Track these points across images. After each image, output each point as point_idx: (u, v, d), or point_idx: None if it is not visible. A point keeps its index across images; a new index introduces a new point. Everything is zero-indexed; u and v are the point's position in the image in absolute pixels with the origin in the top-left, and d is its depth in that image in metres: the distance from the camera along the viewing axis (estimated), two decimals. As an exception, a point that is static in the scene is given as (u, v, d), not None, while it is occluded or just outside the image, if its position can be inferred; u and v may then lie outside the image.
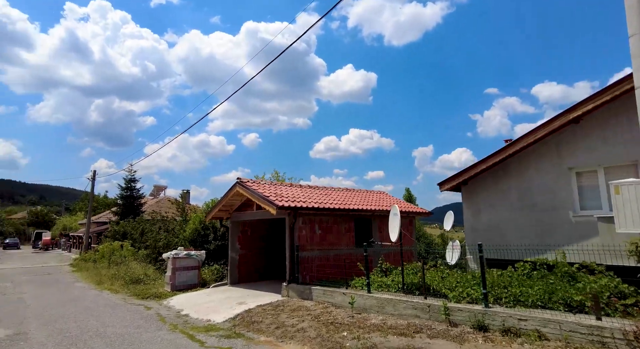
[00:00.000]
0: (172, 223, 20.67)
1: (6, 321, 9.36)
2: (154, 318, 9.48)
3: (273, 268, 15.26)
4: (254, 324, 8.30)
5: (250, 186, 12.19)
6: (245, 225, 14.57)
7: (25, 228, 72.06)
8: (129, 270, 17.50)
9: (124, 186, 34.37)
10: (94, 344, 7.08)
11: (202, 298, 11.83)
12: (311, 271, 11.49)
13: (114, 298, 12.87)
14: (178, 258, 13.58)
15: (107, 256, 23.91)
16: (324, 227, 12.24)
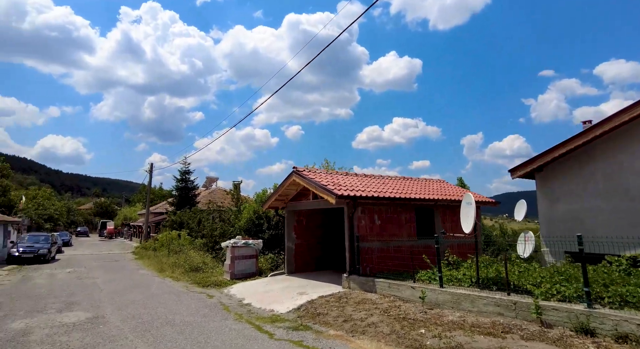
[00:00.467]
0: (227, 212, 21.10)
1: (85, 304, 9.85)
2: (217, 307, 9.53)
3: (328, 258, 15.00)
4: (320, 317, 8.02)
5: (306, 175, 11.91)
6: (300, 215, 14.39)
7: (92, 218, 78.14)
8: (188, 259, 18.08)
9: (179, 178, 35.80)
10: (165, 332, 7.14)
11: (261, 287, 11.82)
12: (371, 263, 11.04)
13: (177, 286, 13.25)
14: (236, 247, 13.71)
15: (166, 245, 25.05)
16: (384, 217, 11.70)
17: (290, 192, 13.57)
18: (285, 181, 12.86)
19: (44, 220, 44.54)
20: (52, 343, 6.50)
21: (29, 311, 9.11)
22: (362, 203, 11.08)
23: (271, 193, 23.90)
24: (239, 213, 21.12)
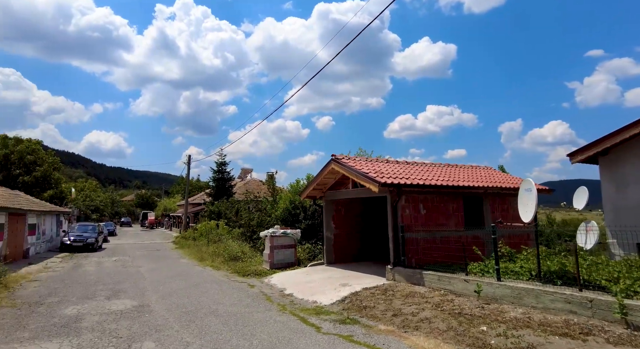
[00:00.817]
0: (264, 202, 21.11)
1: (131, 292, 10.02)
2: (260, 297, 9.37)
3: (368, 249, 14.56)
4: (367, 310, 7.63)
5: (346, 163, 11.46)
6: (339, 204, 14.00)
7: (134, 209, 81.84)
8: (227, 248, 18.24)
9: (216, 170, 36.40)
10: (210, 322, 7.01)
11: (302, 278, 11.59)
12: (417, 254, 10.48)
13: (217, 275, 13.32)
14: (275, 237, 13.55)
15: (205, 234, 25.56)
16: (429, 206, 11.07)
17: (329, 181, 13.18)
18: (323, 170, 12.48)
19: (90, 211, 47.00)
20: (102, 331, 6.52)
21: (80, 298, 9.35)
22: (407, 191, 10.50)
23: (308, 182, 23.79)
24: (275, 203, 21.06)
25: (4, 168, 33.94)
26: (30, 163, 35.08)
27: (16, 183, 31.82)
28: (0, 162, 33.84)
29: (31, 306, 8.53)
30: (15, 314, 7.75)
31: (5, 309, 8.26)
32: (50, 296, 9.57)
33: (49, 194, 34.30)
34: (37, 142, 36.97)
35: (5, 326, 6.97)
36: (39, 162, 35.64)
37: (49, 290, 10.51)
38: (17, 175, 33.78)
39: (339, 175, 12.61)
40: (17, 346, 5.87)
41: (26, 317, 7.56)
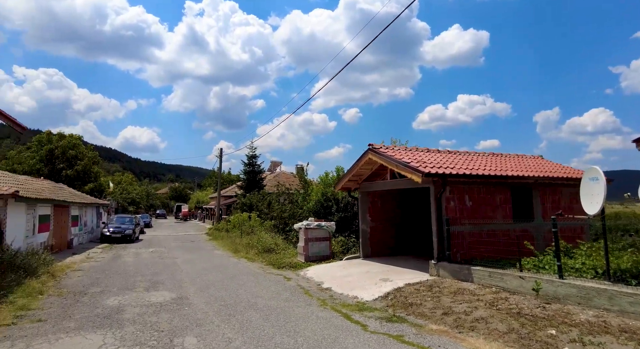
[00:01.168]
0: (295, 195, 20.93)
1: (169, 284, 10.03)
2: (298, 291, 9.11)
3: (405, 242, 14.01)
4: (413, 307, 7.17)
5: (384, 152, 10.92)
6: (375, 196, 13.51)
7: (168, 201, 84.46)
8: (260, 240, 18.21)
9: (247, 163, 36.66)
10: (250, 317, 6.79)
11: (338, 271, 11.25)
12: (462, 249, 9.87)
13: (252, 267, 13.21)
14: (310, 229, 13.27)
15: (237, 226, 25.77)
16: (475, 198, 10.38)
17: (364, 172, 12.71)
18: (359, 161, 12.00)
19: (127, 203, 48.75)
20: (143, 323, 6.43)
21: (120, 289, 9.43)
22: (452, 182, 9.87)
23: (342, 174, 23.39)
24: (306, 196, 20.82)
25: (49, 162, 35.60)
26: (72, 157, 36.62)
27: (60, 177, 33.31)
28: (46, 156, 35.52)
29: (76, 295, 8.66)
30: (62, 304, 7.86)
31: (52, 298, 8.42)
32: (93, 286, 9.72)
33: (89, 187, 35.72)
34: (78, 137, 38.53)
35: (53, 314, 7.05)
36: (80, 157, 37.14)
37: (92, 279, 10.71)
38: (61, 169, 35.35)
39: (375, 165, 12.11)
40: (63, 336, 5.86)
41: (71, 307, 7.64)
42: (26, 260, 10.71)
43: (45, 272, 10.75)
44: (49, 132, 37.29)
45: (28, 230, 14.17)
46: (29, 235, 14.21)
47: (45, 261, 11.97)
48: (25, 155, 36.06)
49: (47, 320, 6.68)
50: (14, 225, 12.90)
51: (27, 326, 6.33)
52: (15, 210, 13.18)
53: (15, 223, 13.05)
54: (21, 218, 13.65)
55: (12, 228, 12.67)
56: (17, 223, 13.31)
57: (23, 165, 33.74)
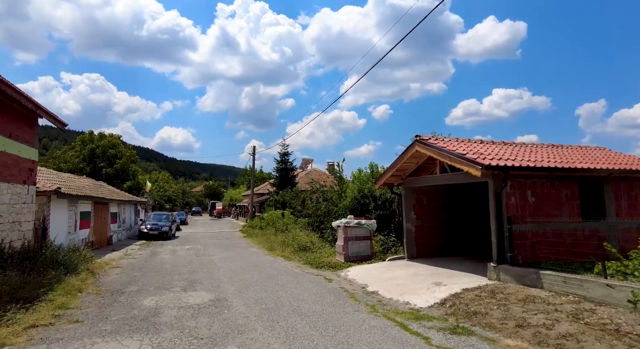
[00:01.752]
0: (330, 192, 20.24)
1: (206, 284, 9.63)
2: (342, 294, 8.41)
3: (454, 242, 12.97)
4: (478, 317, 6.29)
5: (434, 143, 9.99)
6: (420, 192, 12.57)
7: (203, 199, 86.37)
8: (295, 238, 17.69)
9: (279, 160, 36.45)
10: (296, 324, 6.16)
11: (383, 273, 10.45)
12: (524, 250, 8.81)
13: (290, 266, 12.67)
14: (349, 227, 12.54)
15: (271, 223, 25.47)
16: (538, 193, 9.26)
17: (409, 166, 11.80)
18: (404, 154, 11.12)
19: (164, 201, 49.98)
20: (181, 328, 5.96)
21: (157, 288, 9.12)
22: (513, 175, 8.82)
23: (377, 170, 22.46)
24: (342, 193, 20.09)
25: (91, 161, 36.97)
26: (111, 156, 37.85)
27: (100, 175, 34.45)
28: (88, 156, 36.90)
29: (113, 294, 8.40)
30: (99, 303, 7.59)
31: (91, 296, 8.19)
32: (130, 285, 9.48)
33: (128, 185, 36.76)
34: (117, 136, 39.79)
35: (90, 315, 6.74)
36: (119, 156, 38.32)
37: (129, 277, 10.52)
38: (101, 167, 36.61)
39: (422, 158, 11.19)
40: (99, 340, 5.47)
41: (108, 306, 7.34)
42: (67, 256, 10.67)
43: (85, 269, 10.66)
44: (90, 131, 38.72)
45: (70, 227, 14.35)
46: (70, 232, 14.40)
47: (86, 258, 11.95)
48: (70, 154, 37.61)
49: (84, 321, 6.36)
50: (56, 221, 13.04)
51: (64, 328, 6.02)
52: (58, 206, 13.33)
53: (57, 220, 13.20)
54: (63, 215, 13.82)
55: (54, 225, 12.81)
56: (60, 220, 13.47)
57: (68, 164, 35.16)
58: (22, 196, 10.77)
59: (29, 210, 11.12)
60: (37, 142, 11.60)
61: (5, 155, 9.81)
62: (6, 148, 9.83)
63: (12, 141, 10.16)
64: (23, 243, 10.68)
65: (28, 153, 11.03)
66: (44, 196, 12.35)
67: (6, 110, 9.83)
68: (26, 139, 10.96)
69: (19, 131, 10.57)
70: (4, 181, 9.73)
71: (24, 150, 10.79)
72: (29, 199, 11.14)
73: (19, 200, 10.55)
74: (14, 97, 9.47)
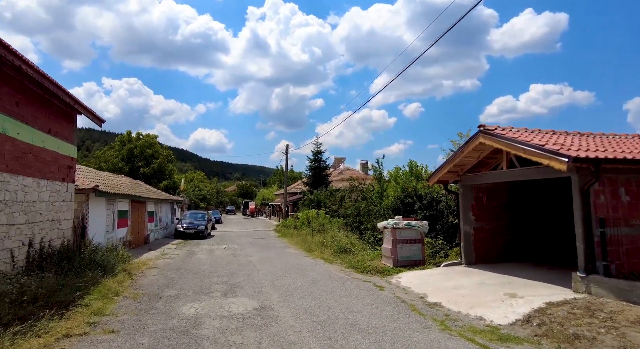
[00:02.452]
0: (370, 190, 19.16)
1: (248, 288, 8.89)
2: (400, 305, 7.39)
3: (519, 246, 11.57)
4: (583, 343, 5.09)
5: (503, 134, 8.74)
6: (479, 191, 11.29)
7: (236, 198, 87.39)
8: (335, 239, 16.79)
9: (312, 159, 35.74)
10: (358, 344, 5.22)
11: (441, 281, 9.32)
12: (618, 258, 7.44)
13: (333, 270, 11.77)
14: (398, 229, 11.47)
15: (306, 223, 24.73)
16: (634, 191, 7.83)
17: (468, 161, 10.57)
18: (465, 147, 9.91)
19: (199, 200, 50.61)
20: (226, 345, 5.17)
21: (196, 292, 8.48)
22: (605, 169, 7.45)
23: (416, 168, 21.22)
24: (382, 191, 18.98)
25: (129, 161, 37.81)
26: (149, 156, 38.56)
27: (138, 175, 35.08)
28: (127, 155, 37.77)
29: (150, 299, 7.82)
30: (136, 309, 7.00)
31: (127, 300, 7.65)
32: (168, 288, 8.90)
33: (164, 184, 37.28)
34: (154, 136, 40.53)
35: (126, 323, 6.13)
36: (156, 155, 38.99)
37: (167, 279, 9.99)
38: (139, 167, 37.35)
39: (484, 152, 9.95)
40: (134, 356, 4.78)
41: (145, 314, 6.72)
42: (105, 256, 10.30)
43: (122, 270, 10.24)
44: (129, 132, 39.66)
45: (108, 225, 14.16)
46: (108, 230, 14.20)
47: (123, 258, 11.60)
48: (109, 154, 38.65)
49: (120, 331, 5.72)
50: (95, 220, 12.82)
51: (99, 339, 5.40)
52: (96, 205, 13.12)
53: (96, 218, 12.99)
54: (101, 213, 13.62)
55: (93, 223, 12.58)
56: (98, 218, 13.26)
57: (108, 164, 36.10)
58: (61, 194, 10.50)
59: (68, 208, 10.86)
60: (76, 139, 11.34)
61: (45, 151, 9.53)
62: (45, 145, 9.54)
63: (51, 137, 9.88)
64: (62, 242, 10.41)
65: (67, 150, 10.77)
66: (82, 195, 12.13)
67: (45, 105, 9.55)
68: (65, 136, 10.70)
69: (57, 127, 10.30)
70: (43, 179, 9.44)
71: (63, 146, 10.52)
72: (68, 197, 10.88)
73: (58, 198, 10.28)
74: (53, 92, 9.15)
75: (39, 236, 9.17)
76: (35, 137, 9.01)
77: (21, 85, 8.32)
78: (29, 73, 7.86)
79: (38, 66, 8.14)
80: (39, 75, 8.19)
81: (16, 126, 8.16)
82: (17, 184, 8.19)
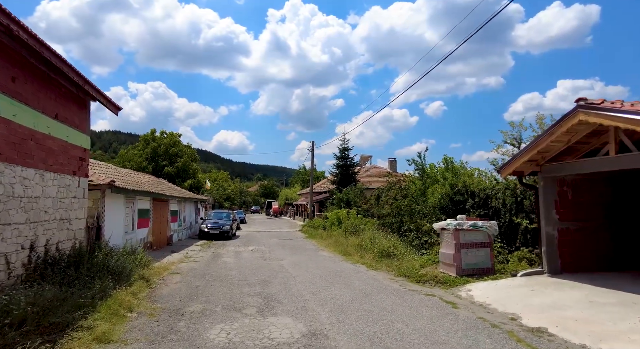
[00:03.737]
0: (409, 188, 17.18)
1: (287, 302, 7.23)
2: (494, 333, 5.53)
3: (619, 252, 9.44)
4: None
5: (617, 108, 6.71)
6: (563, 184, 9.25)
7: (259, 198, 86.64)
8: (375, 242, 15.00)
9: (339, 156, 33.98)
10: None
11: (528, 296, 7.38)
12: None
13: (381, 278, 10.00)
14: (462, 230, 9.58)
15: (336, 224, 23.01)
16: None
17: (555, 147, 8.53)
18: (556, 127, 7.89)
19: (223, 200, 49.73)
20: (276, 405, 3.50)
21: (226, 307, 6.90)
22: None
23: (452, 163, 19.04)
24: (425, 188, 17.01)
25: (153, 160, 37.10)
26: (173, 155, 37.78)
27: (162, 174, 34.25)
28: (150, 154, 37.10)
29: (170, 317, 6.28)
30: (152, 333, 5.46)
31: (142, 319, 6.14)
32: (191, 301, 7.36)
33: (188, 183, 36.38)
34: (177, 134, 39.76)
35: (137, 354, 4.57)
36: (180, 154, 38.17)
37: (190, 289, 8.47)
38: (163, 166, 36.58)
39: (579, 134, 7.93)
40: None
41: (163, 340, 5.16)
42: (120, 261, 8.89)
43: (140, 277, 8.80)
44: (153, 130, 39.01)
45: (127, 225, 12.86)
46: (127, 231, 12.90)
47: (142, 263, 10.21)
48: (133, 153, 38.10)
49: (127, 371, 4.16)
50: (112, 219, 11.51)
51: (97, 383, 3.84)
52: (114, 203, 11.83)
53: (113, 218, 11.68)
54: (119, 212, 12.32)
55: (110, 223, 11.26)
56: (116, 218, 11.96)
57: (131, 163, 35.47)
58: (72, 190, 9.16)
59: (80, 206, 9.53)
60: (89, 128, 10.01)
61: (50, 138, 8.17)
62: (51, 131, 8.18)
63: (59, 123, 8.53)
64: (73, 244, 9.06)
65: (78, 140, 9.43)
66: (98, 191, 10.82)
67: (50, 86, 8.19)
68: (76, 123, 9.36)
69: (66, 112, 8.96)
70: (49, 171, 8.08)
71: (73, 135, 9.18)
72: (80, 193, 9.55)
73: (68, 194, 8.94)
74: (58, 67, 7.72)
75: (44, 238, 7.81)
76: (38, 122, 7.65)
77: (19, 58, 6.95)
78: (27, 41, 6.47)
79: (39, 36, 6.77)
80: (38, 43, 6.79)
81: (12, 106, 6.79)
82: (13, 176, 6.81)
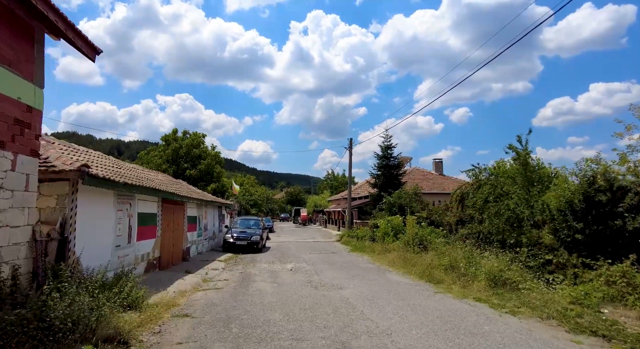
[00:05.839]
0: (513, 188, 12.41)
1: None
2: None
3: None
4: None
5: None
6: None
7: (285, 205, 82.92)
8: (471, 261, 10.45)
9: (381, 155, 29.43)
10: None
11: None
12: None
13: (535, 332, 5.49)
14: None
15: (391, 234, 18.50)
16: None
17: None
18: None
19: (249, 206, 46.04)
20: None
21: None
22: None
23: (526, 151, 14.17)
24: (530, 186, 12.29)
25: (174, 162, 33.86)
26: (195, 157, 34.46)
27: (184, 177, 30.87)
28: (172, 156, 33.89)
29: None
30: None
31: None
32: None
33: (212, 187, 32.88)
34: (201, 135, 36.47)
35: None
36: (203, 156, 34.82)
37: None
38: (184, 169, 33.27)
39: None
40: None
41: None
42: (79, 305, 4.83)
43: (110, 338, 4.67)
44: (175, 130, 35.87)
45: (119, 237, 8.85)
46: (121, 244, 8.89)
47: (128, 301, 6.15)
48: (153, 154, 35.06)
49: None
50: (91, 227, 7.52)
51: None
52: (95, 202, 7.87)
53: (94, 224, 7.70)
54: (106, 217, 8.34)
55: (86, 232, 7.26)
56: (99, 225, 7.99)
57: (150, 165, 32.29)
58: (3, 174, 5.24)
59: (21, 204, 5.57)
60: (41, 75, 6.07)
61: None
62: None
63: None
64: None
65: (15, 90, 5.50)
66: (64, 184, 6.88)
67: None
68: (12, 62, 5.46)
69: (-8, 40, 5.07)
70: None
71: (4, 82, 5.28)
72: (21, 182, 5.58)
73: (-7, 182, 5.02)
74: None
75: None
76: None
77: None
78: None
79: None
80: None
81: None
82: None
